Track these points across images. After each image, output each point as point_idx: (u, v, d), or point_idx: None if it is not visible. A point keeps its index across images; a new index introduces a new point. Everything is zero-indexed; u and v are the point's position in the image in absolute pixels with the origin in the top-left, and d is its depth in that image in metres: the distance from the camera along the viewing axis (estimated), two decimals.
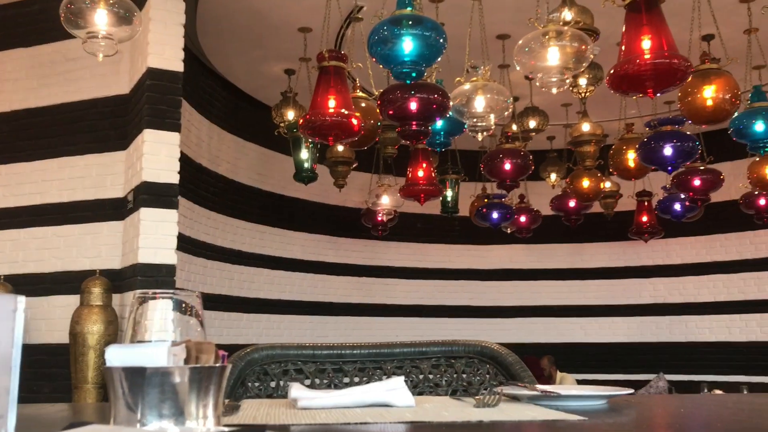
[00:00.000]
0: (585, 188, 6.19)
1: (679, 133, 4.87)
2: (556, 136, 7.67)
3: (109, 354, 0.74)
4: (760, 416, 1.24)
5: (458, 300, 8.69)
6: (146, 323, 0.81)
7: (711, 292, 8.21)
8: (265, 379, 1.64)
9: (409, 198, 5.86)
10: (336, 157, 5.94)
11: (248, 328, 6.89)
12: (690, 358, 8.20)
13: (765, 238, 7.74)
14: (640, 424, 1.15)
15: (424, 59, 3.61)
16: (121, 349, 0.75)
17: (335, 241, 8.06)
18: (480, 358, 1.72)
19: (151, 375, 0.70)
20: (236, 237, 6.86)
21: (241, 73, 6.72)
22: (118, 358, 0.73)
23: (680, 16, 4.64)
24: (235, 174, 6.92)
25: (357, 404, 1.22)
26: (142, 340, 0.80)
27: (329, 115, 4.13)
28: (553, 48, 3.61)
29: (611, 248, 8.69)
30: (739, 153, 5.85)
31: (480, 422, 1.05)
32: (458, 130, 4.79)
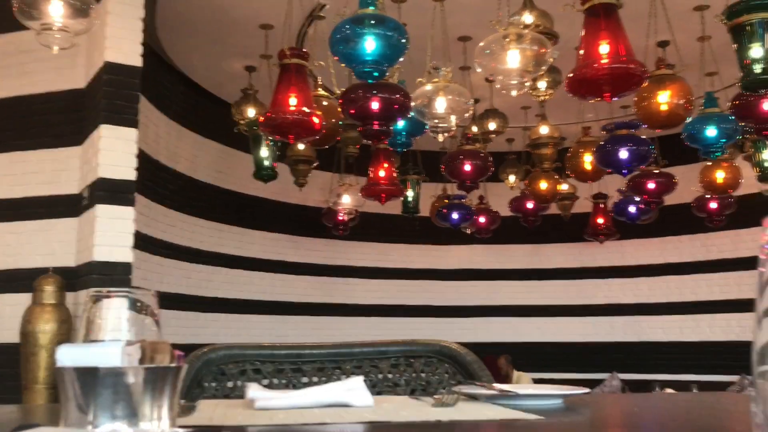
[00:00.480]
0: (543, 190, 6.27)
1: (635, 137, 4.98)
2: (516, 138, 7.75)
3: (61, 354, 0.72)
4: (710, 414, 1.27)
5: (418, 300, 8.73)
6: (100, 322, 0.79)
7: (664, 293, 8.40)
8: (222, 379, 1.62)
9: (371, 198, 5.87)
10: (297, 156, 5.91)
11: (206, 327, 6.81)
12: (643, 357, 8.37)
13: (716, 240, 7.95)
14: (595, 423, 1.17)
15: (386, 59, 3.61)
16: (73, 348, 0.73)
17: (295, 241, 8.02)
18: (439, 358, 1.73)
19: (104, 375, 0.69)
20: (194, 235, 6.77)
21: (201, 69, 6.64)
22: (69, 358, 0.71)
23: (637, 22, 4.73)
24: (194, 171, 6.83)
25: (315, 404, 1.21)
26: (95, 339, 0.78)
27: (290, 113, 4.11)
28: (513, 51, 3.65)
29: (568, 249, 8.82)
30: (692, 157, 5.99)
31: (438, 422, 1.05)
32: (419, 130, 4.81)
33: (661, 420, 1.18)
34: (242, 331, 7.24)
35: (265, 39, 5.65)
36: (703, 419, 1.19)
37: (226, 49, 6.16)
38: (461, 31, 5.57)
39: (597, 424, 1.16)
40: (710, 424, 1.12)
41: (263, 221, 7.68)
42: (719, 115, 4.68)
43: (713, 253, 8.05)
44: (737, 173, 5.79)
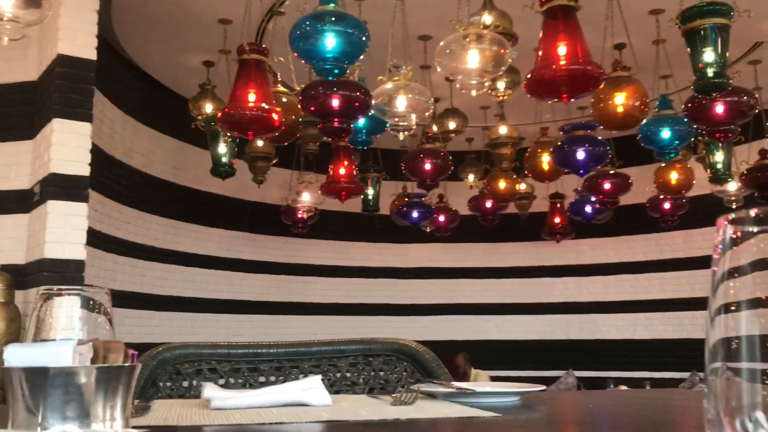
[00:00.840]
0: (501, 189, 6.33)
1: (591, 138, 5.06)
2: (475, 137, 7.81)
3: (8, 353, 0.70)
4: (662, 410, 1.30)
5: (377, 298, 8.73)
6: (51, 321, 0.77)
7: (618, 291, 8.56)
8: (178, 378, 1.59)
9: (330, 195, 5.85)
10: (255, 153, 5.86)
11: (160, 326, 6.70)
12: (597, 355, 8.52)
13: (669, 240, 8.13)
14: (551, 419, 1.18)
15: (346, 56, 3.60)
16: (21, 348, 0.71)
17: (253, 238, 7.95)
18: (397, 356, 1.73)
19: (54, 375, 0.67)
20: (149, 232, 6.66)
21: (158, 63, 6.53)
22: (18, 358, 0.69)
23: (594, 24, 4.81)
24: (150, 167, 6.72)
25: (273, 404, 1.20)
26: (46, 338, 0.76)
27: (249, 109, 4.07)
28: (473, 51, 3.67)
29: (525, 248, 8.93)
30: (647, 158, 6.12)
31: (396, 420, 1.05)
32: (380, 128, 4.81)
33: (616, 416, 1.20)
34: (198, 330, 7.15)
35: (224, 34, 5.58)
36: (656, 415, 1.22)
37: (183, 43, 6.07)
38: (422, 30, 5.58)
39: (553, 421, 1.18)
40: (663, 420, 1.15)
41: (220, 218, 7.59)
42: (673, 117, 4.78)
43: (666, 252, 8.23)
44: (690, 174, 5.93)
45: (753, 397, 0.35)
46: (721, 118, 4.31)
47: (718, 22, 3.76)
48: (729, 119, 4.31)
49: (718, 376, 0.36)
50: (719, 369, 0.36)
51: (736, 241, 0.36)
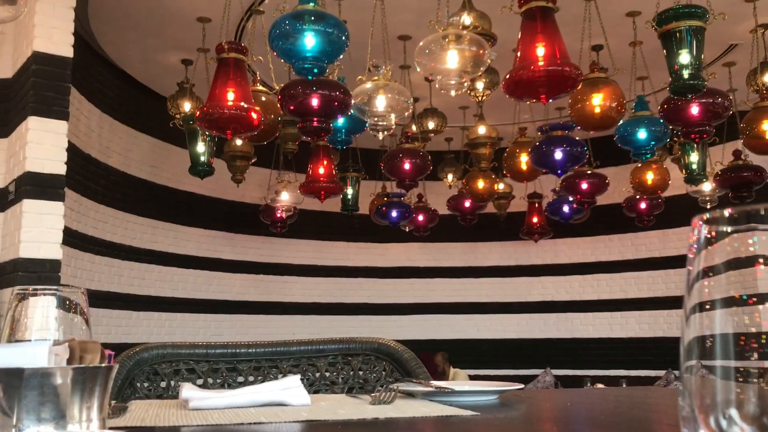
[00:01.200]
0: (480, 189, 6.36)
1: (569, 139, 5.10)
2: (454, 137, 7.84)
3: None
4: (639, 408, 1.31)
5: (356, 297, 8.73)
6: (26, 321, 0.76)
7: (595, 290, 8.64)
8: (155, 379, 1.58)
9: (310, 195, 5.84)
10: (234, 152, 5.83)
11: (138, 326, 6.65)
12: (574, 353, 8.60)
13: (645, 239, 8.22)
14: (529, 418, 1.19)
15: (326, 56, 3.60)
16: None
17: (232, 238, 7.90)
18: (377, 356, 1.73)
19: (29, 376, 0.66)
20: (127, 232, 6.60)
21: (136, 61, 6.47)
22: None
23: (572, 26, 4.85)
24: (127, 166, 6.66)
25: (251, 404, 1.19)
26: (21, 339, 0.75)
27: (228, 107, 4.04)
28: (452, 51, 3.69)
29: (503, 247, 8.98)
30: (623, 159, 6.18)
31: (375, 419, 1.06)
32: (359, 128, 4.81)
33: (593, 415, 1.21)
34: (176, 330, 7.10)
35: (203, 32, 5.55)
36: (632, 413, 1.23)
37: (161, 41, 6.02)
38: (401, 30, 5.59)
39: (531, 420, 1.18)
40: (639, 418, 1.16)
41: (199, 218, 7.55)
42: (649, 118, 4.84)
43: (642, 252, 8.32)
44: (666, 175, 6.00)
45: (727, 395, 0.35)
46: (697, 119, 4.36)
47: (694, 25, 3.81)
48: (704, 120, 4.37)
49: (693, 374, 0.37)
50: (694, 367, 0.37)
51: (711, 240, 0.37)
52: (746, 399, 0.35)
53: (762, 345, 0.34)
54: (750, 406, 0.35)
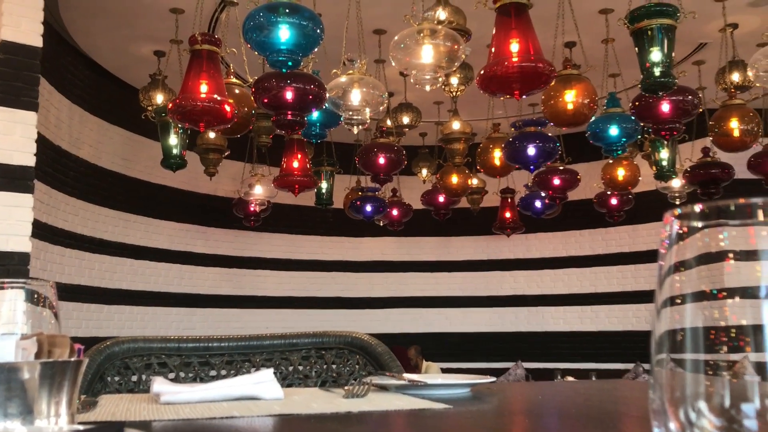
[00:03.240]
0: (454, 184, 6.38)
1: (542, 135, 5.14)
2: (428, 132, 7.85)
3: None
4: (608, 401, 1.33)
5: (330, 291, 8.72)
6: None
7: (566, 284, 8.73)
8: (126, 373, 1.57)
9: (283, 189, 5.80)
10: (207, 144, 5.77)
11: (109, 320, 6.57)
12: (545, 346, 8.68)
13: (615, 235, 8.32)
14: (501, 410, 1.20)
15: (300, 49, 3.58)
16: None
17: (204, 231, 7.84)
18: (350, 349, 1.73)
19: None
20: (98, 225, 6.51)
21: (107, 52, 6.38)
22: None
23: (546, 22, 4.88)
24: (98, 158, 6.57)
25: (223, 398, 1.19)
26: None
27: (201, 100, 4.00)
28: (427, 46, 3.69)
29: (476, 242, 9.03)
30: (595, 155, 6.24)
31: (348, 413, 1.06)
32: (334, 122, 4.80)
33: (564, 407, 1.23)
34: (148, 323, 7.04)
35: (176, 23, 5.48)
36: (602, 405, 1.25)
37: (133, 32, 5.94)
38: (376, 24, 5.58)
39: (503, 412, 1.19)
40: (609, 410, 1.18)
41: (171, 211, 7.47)
42: (621, 115, 4.89)
43: (612, 247, 8.42)
44: (636, 171, 6.07)
45: (696, 388, 0.36)
46: (667, 116, 4.42)
47: (665, 23, 3.86)
48: (674, 118, 4.43)
49: (664, 367, 0.37)
50: (664, 360, 0.37)
51: (682, 236, 0.37)
52: (715, 392, 0.35)
53: (731, 338, 0.35)
54: (718, 399, 0.35)
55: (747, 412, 0.35)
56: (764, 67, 4.07)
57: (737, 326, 0.35)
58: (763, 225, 0.35)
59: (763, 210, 0.35)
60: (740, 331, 0.35)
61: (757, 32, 5.13)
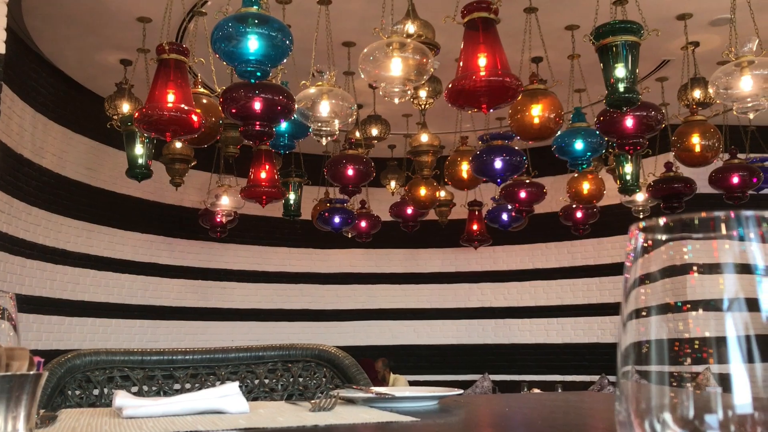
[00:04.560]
0: (422, 196, 6.40)
1: (509, 148, 5.19)
2: (397, 145, 7.88)
3: None
4: (574, 412, 1.34)
5: (297, 304, 8.67)
6: None
7: (532, 296, 8.80)
8: (88, 386, 1.53)
9: (251, 199, 5.76)
10: (173, 154, 5.71)
11: (71, 332, 6.44)
12: (512, 359, 8.73)
13: (581, 248, 8.42)
14: (468, 423, 1.20)
15: (269, 59, 3.57)
16: None
17: (170, 242, 7.75)
18: (317, 362, 1.72)
19: None
20: (60, 235, 6.39)
21: (72, 60, 6.29)
22: None
23: (513, 37, 4.94)
24: (62, 168, 6.46)
25: (187, 412, 1.17)
26: None
27: (167, 109, 3.96)
28: (396, 59, 3.71)
29: (444, 254, 9.06)
30: (560, 169, 6.32)
31: (315, 426, 1.05)
32: (302, 133, 4.79)
33: (531, 419, 1.23)
34: (111, 336, 6.91)
35: (143, 32, 5.43)
36: (569, 417, 1.26)
37: (100, 40, 5.87)
38: (345, 36, 5.60)
39: (470, 425, 1.19)
40: (576, 422, 1.18)
41: (136, 222, 7.37)
42: (586, 130, 4.96)
43: (578, 259, 8.52)
44: (601, 185, 6.16)
45: (661, 399, 0.36)
46: (631, 131, 4.50)
47: (629, 40, 3.93)
48: (638, 133, 4.51)
49: (629, 378, 0.38)
50: (630, 372, 0.38)
51: (647, 249, 0.38)
52: (679, 403, 0.36)
53: (695, 350, 0.35)
54: (683, 410, 0.36)
55: (710, 423, 0.35)
56: (724, 85, 4.16)
57: (701, 338, 0.35)
58: (725, 239, 0.36)
59: (726, 224, 0.36)
60: (704, 343, 0.35)
61: (718, 51, 5.26)
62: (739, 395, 0.35)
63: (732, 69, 4.11)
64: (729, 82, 4.12)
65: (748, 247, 0.35)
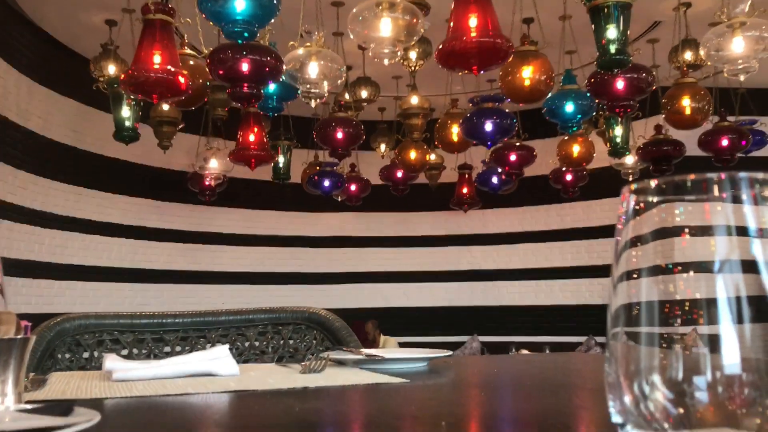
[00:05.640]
0: (412, 159, 6.39)
1: (499, 111, 5.16)
2: (387, 107, 7.82)
3: None
4: (562, 373, 1.36)
5: (288, 267, 8.69)
6: None
7: (521, 259, 8.85)
8: (78, 350, 1.53)
9: (240, 163, 5.73)
10: (161, 117, 5.65)
11: (60, 296, 6.44)
12: (501, 320, 8.82)
13: (569, 210, 8.45)
14: (457, 384, 1.21)
15: (257, 19, 3.51)
16: None
17: (159, 206, 7.72)
18: (307, 324, 1.73)
19: None
20: (48, 198, 6.35)
21: (57, 20, 6.16)
22: None
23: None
24: (48, 130, 6.38)
25: (178, 375, 1.17)
26: None
27: (154, 71, 3.91)
28: (386, 19, 3.66)
29: (434, 217, 9.08)
30: (551, 131, 6.30)
31: (305, 388, 1.05)
32: (291, 95, 4.74)
33: (519, 379, 1.24)
34: (101, 299, 6.92)
35: None
36: (556, 378, 1.27)
37: (84, 0, 5.75)
38: None
39: (459, 385, 1.21)
40: (563, 382, 1.20)
41: (124, 185, 7.33)
42: (577, 92, 4.93)
43: (567, 222, 8.56)
44: (591, 148, 6.16)
45: (650, 361, 0.36)
46: (621, 93, 4.48)
47: (621, 1, 3.89)
48: (628, 95, 4.49)
49: (619, 340, 0.37)
50: (620, 334, 0.37)
51: (639, 211, 0.37)
52: (668, 365, 0.36)
53: (685, 312, 0.35)
54: (671, 372, 0.36)
55: (698, 384, 0.35)
56: (715, 47, 4.14)
57: (691, 300, 0.35)
58: (717, 200, 0.35)
59: (718, 185, 0.35)
60: (694, 305, 0.35)
61: (710, 12, 5.21)
62: (728, 356, 0.35)
63: (724, 30, 4.09)
64: (720, 44, 4.10)
65: (740, 209, 0.35)
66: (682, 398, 0.35)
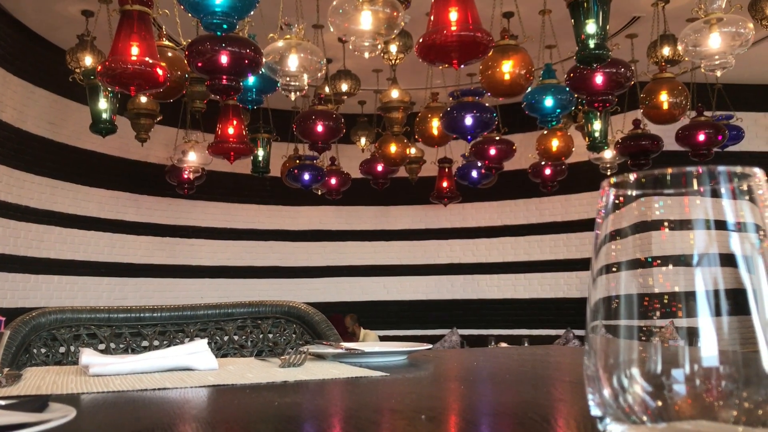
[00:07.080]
0: (392, 153, 6.38)
1: (479, 105, 5.17)
2: (367, 101, 7.81)
3: None
4: (541, 366, 1.37)
5: (267, 261, 8.66)
6: None
7: (500, 253, 8.90)
8: (54, 344, 1.52)
9: (218, 156, 5.69)
10: (138, 109, 5.59)
11: (36, 290, 6.36)
12: (480, 313, 8.86)
13: (548, 204, 8.51)
14: (437, 377, 1.22)
15: (236, 11, 3.48)
16: None
17: (136, 199, 7.64)
18: (287, 318, 1.72)
19: None
20: (23, 191, 6.26)
21: (31, 11, 6.07)
22: None
23: None
24: (23, 122, 6.29)
25: (156, 369, 1.16)
26: None
27: (131, 62, 3.86)
28: (366, 12, 3.65)
29: (414, 211, 9.09)
30: (530, 126, 6.33)
31: (285, 382, 1.05)
32: (271, 88, 4.70)
33: (498, 372, 1.25)
34: (78, 293, 6.85)
35: None
36: (535, 371, 1.28)
37: None
38: None
39: (439, 379, 1.21)
40: (542, 375, 1.20)
41: (101, 178, 7.25)
42: (556, 87, 4.95)
43: (546, 216, 8.61)
44: (570, 142, 6.19)
45: (629, 354, 0.36)
46: (600, 88, 4.51)
47: None
48: (607, 90, 4.52)
49: (598, 333, 0.38)
50: (599, 327, 0.38)
51: (618, 205, 0.38)
52: (647, 358, 0.36)
53: (664, 305, 0.35)
54: (650, 365, 0.36)
55: (677, 376, 0.35)
56: (693, 42, 4.18)
57: (670, 293, 0.35)
58: (696, 194, 0.35)
59: (697, 179, 0.35)
60: (673, 298, 0.35)
61: (687, 7, 5.26)
62: (705, 348, 0.35)
63: (701, 26, 4.12)
64: (697, 40, 4.14)
65: (719, 203, 0.35)
66: (661, 391, 0.36)
